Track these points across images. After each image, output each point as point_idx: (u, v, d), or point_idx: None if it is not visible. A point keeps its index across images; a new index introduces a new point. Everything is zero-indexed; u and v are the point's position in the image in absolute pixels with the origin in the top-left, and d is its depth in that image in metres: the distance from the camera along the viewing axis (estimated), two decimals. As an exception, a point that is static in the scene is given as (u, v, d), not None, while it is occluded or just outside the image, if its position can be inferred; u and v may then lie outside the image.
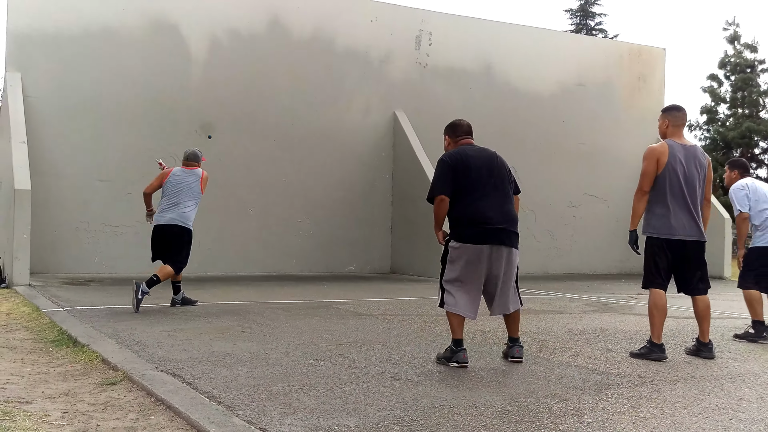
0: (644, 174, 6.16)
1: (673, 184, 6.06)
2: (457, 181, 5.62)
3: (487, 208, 5.57)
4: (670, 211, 6.05)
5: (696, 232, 6.11)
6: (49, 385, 5.02)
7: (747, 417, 4.27)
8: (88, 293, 10.41)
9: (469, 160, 5.72)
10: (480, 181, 5.66)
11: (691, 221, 6.09)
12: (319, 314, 8.55)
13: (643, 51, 19.66)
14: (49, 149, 13.51)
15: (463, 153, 5.80)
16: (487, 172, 5.73)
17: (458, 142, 5.99)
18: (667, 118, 6.30)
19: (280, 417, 4.03)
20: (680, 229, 6.06)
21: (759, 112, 41.57)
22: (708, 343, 6.21)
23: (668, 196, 6.05)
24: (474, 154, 5.81)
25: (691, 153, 6.15)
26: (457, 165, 5.68)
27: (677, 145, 6.15)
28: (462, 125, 6.12)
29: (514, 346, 5.84)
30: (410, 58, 16.69)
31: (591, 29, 47.78)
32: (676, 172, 6.05)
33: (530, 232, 17.83)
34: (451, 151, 5.91)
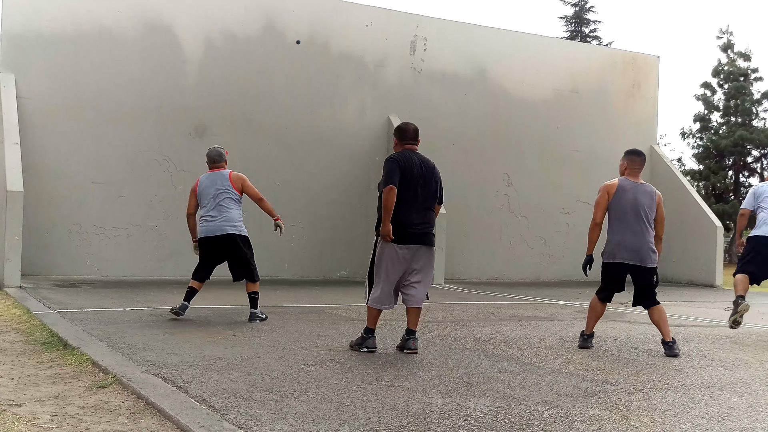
0: (596, 205, 6.91)
1: (622, 212, 6.74)
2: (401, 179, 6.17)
3: (414, 214, 6.20)
4: (619, 237, 6.74)
5: (640, 257, 6.74)
6: (39, 387, 5.00)
7: (737, 426, 4.28)
8: (79, 296, 10.37)
9: (413, 166, 6.27)
10: (415, 186, 6.22)
11: (637, 247, 6.73)
12: (311, 319, 8.54)
13: (637, 58, 19.74)
14: (42, 150, 13.47)
15: (409, 157, 6.33)
16: (423, 180, 6.28)
17: (404, 146, 6.46)
18: (625, 160, 7.01)
19: (270, 422, 4.02)
20: (625, 253, 6.74)
21: (752, 121, 41.74)
22: (671, 342, 6.68)
23: (617, 222, 6.76)
24: (417, 161, 6.34)
25: (641, 187, 6.84)
26: (404, 166, 6.23)
27: (626, 181, 6.86)
28: (409, 130, 6.55)
29: (410, 339, 6.36)
30: (405, 63, 16.72)
31: (585, 36, 47.95)
32: (625, 202, 6.73)
33: (523, 238, 17.88)
34: (399, 152, 6.42)
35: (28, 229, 12.54)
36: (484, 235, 17.32)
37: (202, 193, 8.27)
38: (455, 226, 16.18)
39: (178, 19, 14.69)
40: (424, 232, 6.27)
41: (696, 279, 17.63)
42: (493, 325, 8.47)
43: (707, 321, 9.77)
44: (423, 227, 6.26)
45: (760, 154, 41.64)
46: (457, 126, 17.09)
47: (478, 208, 17.28)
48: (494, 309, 10.40)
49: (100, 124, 13.99)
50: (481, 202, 17.34)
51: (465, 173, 17.10)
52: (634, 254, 6.72)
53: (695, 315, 10.52)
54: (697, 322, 9.68)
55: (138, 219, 14.10)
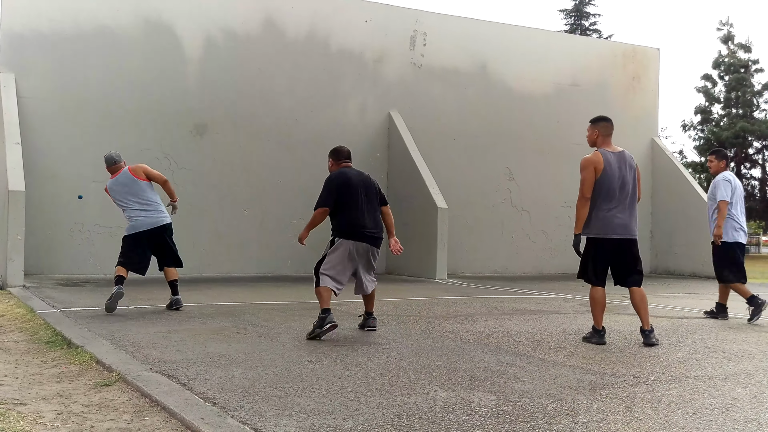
0: (584, 181, 6.68)
1: (611, 188, 6.62)
2: (339, 196, 7.04)
3: (362, 218, 7.07)
4: (609, 213, 6.63)
5: (630, 230, 6.69)
6: (44, 386, 5.01)
7: (741, 416, 4.27)
8: (82, 294, 10.39)
9: (350, 180, 7.13)
10: (358, 196, 7.09)
11: (627, 221, 6.66)
12: (314, 315, 8.51)
13: (637, 51, 19.70)
14: (43, 150, 13.48)
15: (345, 174, 7.21)
16: (363, 190, 7.16)
17: (339, 165, 7.33)
18: (596, 128, 6.85)
19: (274, 418, 4.03)
20: (618, 228, 6.64)
21: (753, 112, 41.69)
22: (648, 330, 6.72)
23: (606, 199, 6.64)
24: (353, 175, 7.21)
25: (622, 157, 6.74)
26: (343, 181, 7.10)
27: (609, 153, 6.72)
28: (343, 151, 7.47)
29: (369, 318, 7.39)
30: (405, 59, 16.71)
31: (585, 29, 47.88)
32: (612, 177, 6.61)
33: (525, 232, 17.88)
34: (335, 171, 7.29)
35: (30, 229, 12.56)
36: (486, 230, 17.32)
37: (116, 198, 8.78)
38: (457, 221, 16.18)
39: (178, 17, 14.68)
40: (373, 235, 7.15)
41: (699, 271, 17.60)
42: (496, 319, 8.47)
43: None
44: (372, 231, 7.14)
45: (761, 146, 41.59)
46: (457, 121, 17.07)
47: (479, 203, 17.28)
48: (497, 303, 10.40)
49: (101, 124, 13.99)
50: (482, 196, 17.33)
51: (466, 168, 17.10)
52: (625, 229, 6.66)
53: (698, 307, 10.51)
54: (700, 314, 9.68)
55: (140, 217, 14.09)
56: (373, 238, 7.16)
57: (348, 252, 7.09)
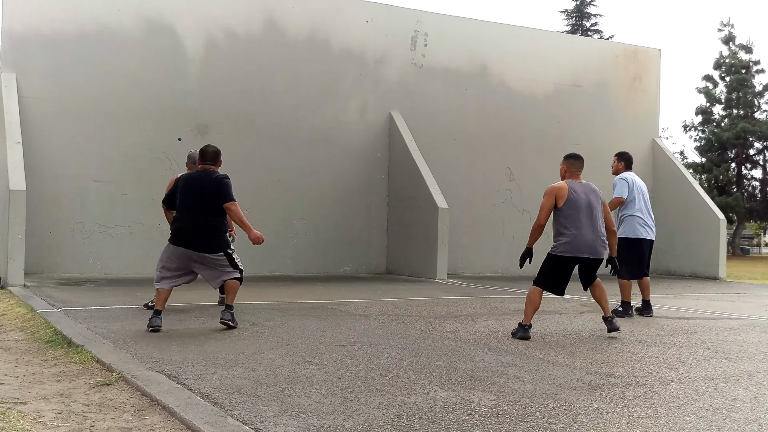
0: (542, 208, 7.49)
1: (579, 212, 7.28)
2: (176, 197, 7.32)
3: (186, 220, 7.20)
4: (580, 234, 7.26)
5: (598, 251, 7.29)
6: (44, 385, 5.01)
7: (741, 417, 4.28)
8: (83, 294, 10.39)
9: (187, 182, 7.32)
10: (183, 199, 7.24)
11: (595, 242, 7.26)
12: (315, 315, 8.55)
13: (638, 52, 19.70)
14: (44, 150, 13.49)
15: (187, 176, 7.46)
16: (192, 191, 7.23)
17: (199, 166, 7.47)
18: (565, 164, 7.71)
19: (274, 417, 4.03)
20: (587, 248, 7.25)
21: (754, 113, 41.68)
22: (610, 317, 7.23)
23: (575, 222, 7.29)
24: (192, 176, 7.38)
25: (589, 188, 7.46)
26: (180, 185, 7.36)
27: (576, 183, 7.46)
28: (204, 152, 7.45)
29: (224, 310, 7.36)
30: (406, 59, 16.71)
31: (586, 30, 47.88)
32: (581, 203, 7.29)
33: (526, 232, 17.70)
34: (185, 174, 7.66)
35: (31, 228, 12.57)
36: (487, 230, 17.32)
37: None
38: (458, 221, 16.18)
39: (179, 18, 14.69)
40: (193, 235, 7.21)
41: (699, 271, 17.61)
42: (497, 319, 8.48)
43: (711, 313, 9.76)
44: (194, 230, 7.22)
45: (762, 146, 41.58)
46: (458, 121, 17.07)
47: (480, 203, 17.28)
48: (497, 303, 10.40)
49: (102, 123, 14.00)
50: (483, 197, 17.33)
51: (466, 168, 17.10)
52: (591, 249, 7.21)
53: (699, 307, 10.51)
54: (700, 314, 9.68)
55: (140, 217, 14.11)
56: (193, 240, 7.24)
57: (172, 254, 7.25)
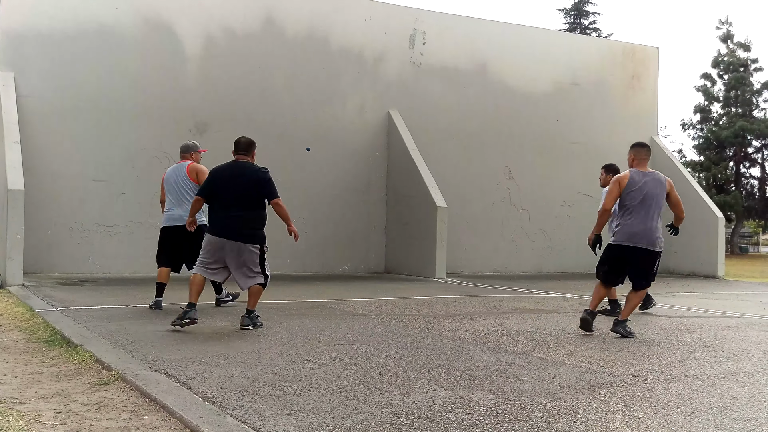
0: (609, 194, 7.53)
1: (635, 202, 7.28)
2: (212, 189, 7.32)
3: (225, 210, 7.22)
4: (632, 224, 7.27)
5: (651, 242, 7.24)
6: (42, 385, 5.01)
7: (740, 416, 4.28)
8: (81, 293, 10.38)
9: (223, 173, 7.32)
10: (224, 191, 7.25)
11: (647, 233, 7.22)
12: (314, 314, 8.55)
13: (636, 50, 19.70)
14: (43, 149, 13.47)
15: (223, 168, 7.40)
16: (231, 183, 7.25)
17: (234, 156, 7.49)
18: (632, 153, 7.58)
19: (273, 416, 4.03)
20: (637, 238, 7.25)
21: (752, 111, 41.70)
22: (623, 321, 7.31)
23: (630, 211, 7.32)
24: (226, 168, 7.38)
25: (652, 178, 7.37)
26: (215, 176, 7.37)
27: (639, 173, 7.40)
28: (238, 143, 7.55)
29: (244, 316, 7.31)
30: (404, 57, 16.70)
31: (585, 28, 47.91)
32: (637, 194, 7.27)
33: (524, 231, 17.88)
34: (220, 165, 7.50)
35: (30, 228, 12.55)
36: (486, 229, 17.32)
37: (165, 183, 8.92)
38: (456, 219, 16.18)
39: (178, 16, 14.67)
40: (235, 228, 7.24)
41: (698, 270, 17.62)
42: (496, 318, 8.48)
43: (709, 312, 9.77)
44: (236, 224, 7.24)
45: (760, 145, 41.59)
46: (457, 120, 17.07)
47: (479, 202, 17.28)
48: (496, 302, 10.41)
49: (100, 122, 13.97)
50: (482, 195, 17.33)
51: (465, 167, 17.10)
52: (639, 239, 7.20)
53: (697, 306, 10.52)
54: (699, 313, 9.69)
55: (139, 216, 14.10)
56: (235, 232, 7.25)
57: (211, 247, 7.26)
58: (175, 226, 8.64)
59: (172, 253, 8.70)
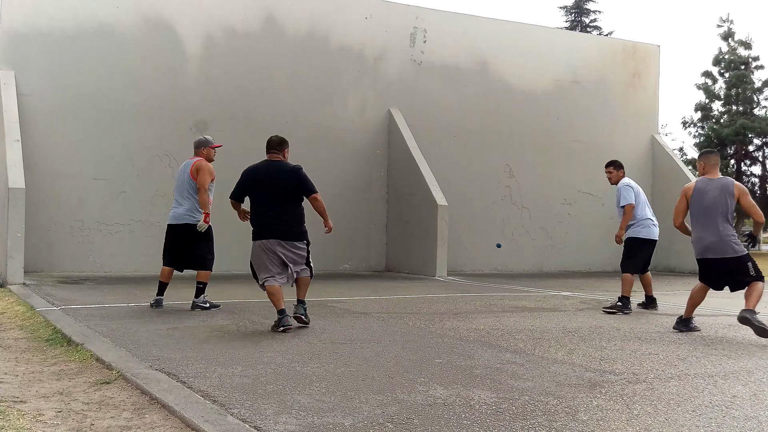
0: (674, 210, 7.62)
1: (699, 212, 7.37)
2: (245, 191, 7.37)
3: (271, 211, 7.25)
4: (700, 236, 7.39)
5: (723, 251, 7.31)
6: (43, 384, 5.01)
7: (740, 414, 4.28)
8: (82, 292, 10.39)
9: (258, 173, 7.36)
10: (262, 191, 7.28)
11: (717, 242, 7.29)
12: (314, 312, 8.55)
13: (637, 48, 19.68)
14: (44, 148, 13.47)
15: (257, 168, 7.44)
16: (269, 182, 7.28)
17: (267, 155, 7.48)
18: (701, 161, 7.60)
19: (274, 415, 4.03)
20: (707, 251, 7.38)
21: (753, 109, 41.66)
22: (687, 319, 7.63)
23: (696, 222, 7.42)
24: (261, 168, 7.39)
25: (717, 185, 7.33)
26: (249, 177, 7.38)
27: (704, 181, 7.42)
28: (270, 141, 7.59)
29: (297, 305, 7.36)
30: (405, 56, 16.69)
31: (586, 26, 47.88)
32: (701, 203, 7.34)
33: (525, 229, 17.87)
34: (254, 165, 7.48)
35: (31, 227, 12.56)
36: (486, 227, 17.31)
37: (176, 178, 8.93)
38: (457, 218, 16.18)
39: (178, 15, 14.66)
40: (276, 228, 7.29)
41: (699, 268, 17.59)
42: (496, 317, 8.48)
43: (710, 310, 9.76)
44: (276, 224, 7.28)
45: (761, 143, 41.56)
46: (457, 118, 17.06)
47: (479, 200, 17.27)
48: (497, 300, 10.40)
49: (100, 121, 13.97)
50: (482, 194, 17.33)
51: (466, 165, 17.09)
52: (709, 250, 7.31)
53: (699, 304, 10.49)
54: (700, 311, 9.67)
55: (140, 215, 14.10)
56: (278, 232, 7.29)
57: (258, 250, 7.25)
58: (176, 225, 8.64)
59: (174, 252, 8.68)
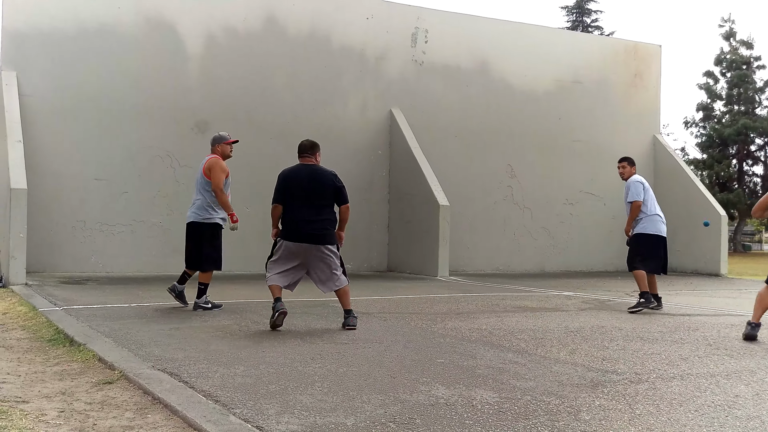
0: None
1: None
2: (286, 194, 7.26)
3: (306, 214, 7.19)
4: None
5: None
6: (46, 384, 5.01)
7: (743, 414, 4.28)
8: (84, 292, 10.39)
9: (295, 177, 7.37)
10: (298, 194, 7.26)
11: None
12: (316, 312, 8.55)
13: (639, 48, 19.67)
14: (45, 148, 13.48)
15: (294, 172, 7.47)
16: (306, 186, 7.28)
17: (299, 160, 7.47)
18: None
19: (276, 415, 4.03)
20: None
21: (755, 109, 41.63)
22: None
23: None
24: (298, 171, 7.43)
25: None
26: (288, 181, 7.33)
27: None
28: (302, 145, 7.64)
29: (348, 317, 7.30)
30: (406, 56, 16.69)
31: (587, 26, 47.86)
32: None
33: (527, 229, 17.87)
34: (290, 168, 7.47)
35: (33, 227, 12.57)
36: (488, 227, 17.31)
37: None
38: (459, 218, 16.17)
39: (179, 15, 14.67)
40: (309, 231, 7.17)
41: (701, 268, 17.60)
42: (498, 317, 8.48)
43: (713, 310, 9.76)
44: (309, 227, 7.17)
45: (763, 143, 41.54)
46: (459, 118, 17.06)
47: (481, 200, 17.27)
48: (499, 300, 10.40)
49: (102, 121, 13.98)
50: (484, 194, 17.32)
51: (468, 165, 17.09)
52: None
53: (701, 304, 10.51)
54: (702, 311, 9.67)
55: (141, 215, 14.12)
56: (311, 236, 7.18)
57: (286, 251, 7.19)
58: (188, 223, 8.69)
59: (187, 250, 8.71)
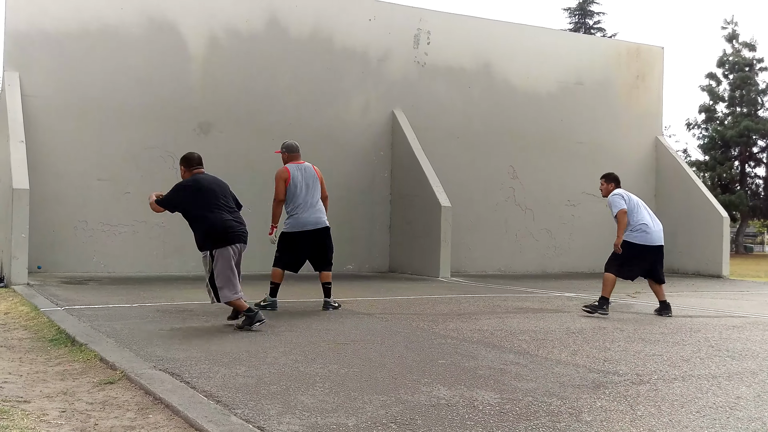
0: None
1: None
2: (196, 200, 7.26)
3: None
4: None
5: None
6: (47, 384, 5.02)
7: (744, 415, 4.27)
8: (86, 292, 10.40)
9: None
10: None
11: None
12: (318, 313, 8.56)
13: (641, 50, 19.67)
14: (48, 148, 13.49)
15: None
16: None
17: (192, 171, 7.47)
18: None
19: (278, 416, 4.03)
20: None
21: (757, 111, 41.61)
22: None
23: None
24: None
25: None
26: (195, 188, 7.33)
27: None
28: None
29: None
30: (409, 57, 16.69)
31: (589, 28, 47.87)
32: None
33: (528, 230, 17.86)
34: (188, 178, 7.44)
35: (35, 227, 12.57)
36: (490, 228, 17.31)
37: (295, 183, 8.65)
38: (461, 219, 16.17)
39: (182, 16, 14.68)
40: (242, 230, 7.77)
41: (703, 270, 17.59)
42: (500, 318, 8.47)
43: (714, 311, 9.75)
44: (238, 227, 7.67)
45: (765, 144, 41.52)
46: (461, 119, 17.07)
47: (483, 202, 17.27)
48: (500, 301, 10.40)
49: (104, 122, 14.00)
50: (486, 195, 17.32)
51: (470, 167, 17.09)
52: None
53: (702, 305, 10.50)
54: (704, 312, 9.67)
55: (143, 216, 14.09)
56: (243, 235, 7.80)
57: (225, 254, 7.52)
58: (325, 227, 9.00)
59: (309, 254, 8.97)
